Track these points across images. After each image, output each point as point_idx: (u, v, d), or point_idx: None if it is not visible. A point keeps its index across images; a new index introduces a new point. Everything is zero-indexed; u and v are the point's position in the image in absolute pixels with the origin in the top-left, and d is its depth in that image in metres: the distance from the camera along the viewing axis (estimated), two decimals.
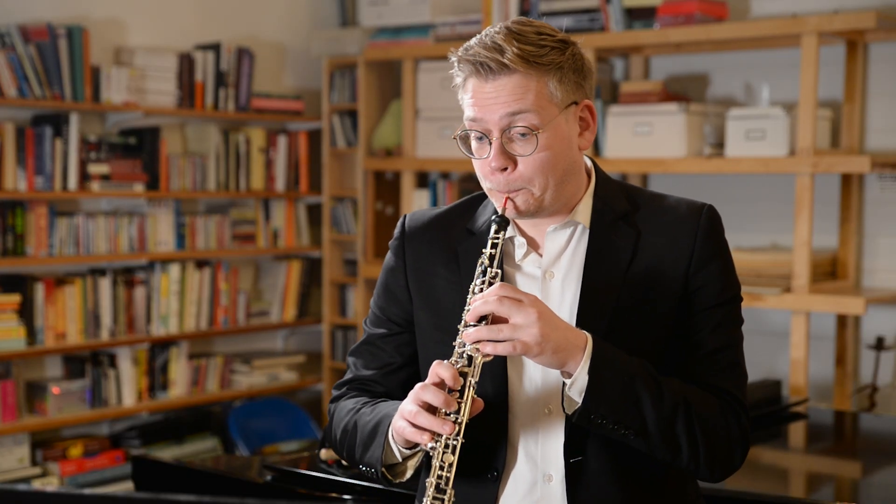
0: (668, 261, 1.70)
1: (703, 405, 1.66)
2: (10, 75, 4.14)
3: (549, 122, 1.63)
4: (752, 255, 3.99)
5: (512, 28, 1.64)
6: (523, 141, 1.63)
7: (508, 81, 1.62)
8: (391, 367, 1.82)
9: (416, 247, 1.81)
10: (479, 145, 1.67)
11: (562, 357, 1.57)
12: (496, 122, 1.63)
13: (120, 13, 4.67)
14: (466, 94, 1.67)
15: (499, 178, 1.65)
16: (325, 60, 5.15)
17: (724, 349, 1.74)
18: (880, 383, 3.99)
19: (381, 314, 1.84)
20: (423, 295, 1.78)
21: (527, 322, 1.55)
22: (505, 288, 1.58)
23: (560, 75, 1.64)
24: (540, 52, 1.62)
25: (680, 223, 1.72)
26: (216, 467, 2.70)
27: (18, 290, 4.25)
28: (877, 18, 3.64)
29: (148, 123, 4.68)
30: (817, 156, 3.74)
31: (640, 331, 1.68)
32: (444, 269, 1.76)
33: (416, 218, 1.85)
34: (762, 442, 2.86)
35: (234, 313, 4.96)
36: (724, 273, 1.74)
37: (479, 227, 1.76)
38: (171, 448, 4.66)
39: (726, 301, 1.74)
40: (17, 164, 4.23)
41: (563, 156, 1.66)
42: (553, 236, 1.72)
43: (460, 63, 1.66)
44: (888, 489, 2.46)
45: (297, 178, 5.18)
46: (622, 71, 4.66)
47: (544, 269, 1.72)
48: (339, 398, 1.85)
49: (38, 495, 1.36)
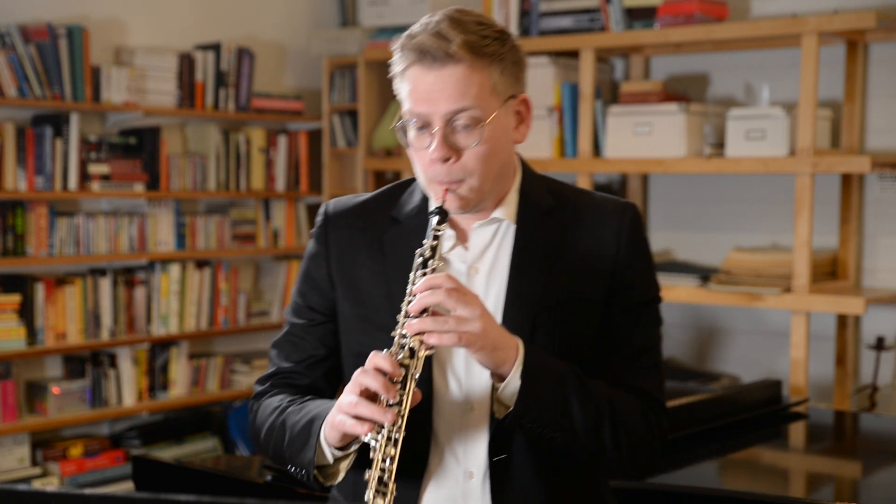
0: (593, 259, 1.71)
1: (627, 408, 1.67)
2: (10, 75, 4.14)
3: (491, 114, 1.63)
4: (752, 255, 3.99)
5: (454, 16, 1.62)
6: (466, 132, 1.62)
7: (453, 72, 1.60)
8: (314, 358, 1.78)
9: (339, 234, 1.77)
10: (418, 135, 1.65)
11: (500, 356, 1.57)
12: (439, 114, 1.61)
13: (120, 13, 4.67)
14: (407, 82, 1.64)
15: (439, 169, 1.63)
16: (326, 60, 5.15)
17: (646, 350, 1.75)
18: (880, 383, 3.99)
19: (304, 303, 1.80)
20: (347, 284, 1.75)
21: (472, 315, 1.54)
22: (451, 280, 1.56)
23: (502, 67, 1.64)
24: (483, 42, 1.61)
25: (605, 221, 1.73)
26: (216, 467, 2.70)
27: (18, 290, 4.25)
28: (877, 18, 3.64)
29: (148, 123, 4.68)
30: (817, 156, 3.74)
31: (566, 328, 1.69)
32: (369, 258, 1.74)
33: (339, 205, 1.81)
34: (762, 442, 2.86)
35: (235, 313, 4.96)
36: (647, 273, 1.75)
37: (405, 215, 1.74)
38: (172, 448, 4.66)
39: (649, 301, 1.76)
40: (17, 164, 4.23)
41: (501, 149, 1.66)
42: (479, 231, 1.72)
43: (403, 50, 1.63)
44: (888, 489, 2.46)
45: (297, 178, 5.18)
46: (622, 71, 4.66)
47: (469, 264, 1.71)
48: (262, 395, 1.80)
49: (38, 495, 1.36)
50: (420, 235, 1.66)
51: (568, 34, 4.32)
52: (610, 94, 4.56)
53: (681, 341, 4.53)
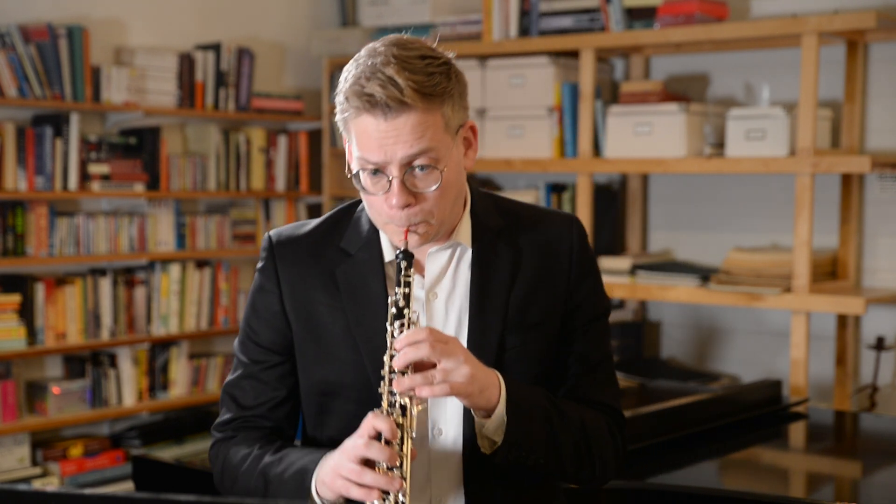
0: (548, 277, 1.73)
1: (596, 427, 1.71)
2: (11, 75, 4.14)
3: (447, 153, 1.61)
4: (752, 255, 3.99)
5: (399, 56, 1.56)
6: (424, 175, 1.59)
7: (408, 119, 1.55)
8: (275, 400, 1.75)
9: (288, 269, 1.74)
10: (373, 179, 1.60)
11: (487, 395, 1.58)
12: (397, 161, 1.57)
13: (120, 13, 4.67)
14: (357, 130, 1.59)
15: (400, 215, 1.60)
16: (326, 60, 5.15)
17: (602, 362, 1.78)
18: (880, 383, 3.99)
19: (258, 342, 1.76)
20: (303, 321, 1.72)
21: (456, 364, 1.54)
22: (432, 332, 1.55)
23: (451, 102, 1.61)
24: (431, 81, 1.56)
25: (555, 238, 1.75)
26: None
27: (19, 290, 4.25)
28: (877, 18, 3.64)
29: (148, 123, 4.68)
30: (817, 156, 3.74)
31: (531, 346, 1.71)
32: (324, 293, 1.71)
33: (284, 237, 1.77)
34: (762, 442, 2.86)
35: (235, 313, 4.96)
36: (597, 287, 1.78)
37: (356, 246, 1.72)
38: (172, 448, 4.66)
39: (602, 314, 1.79)
40: (17, 164, 4.23)
41: (456, 183, 1.65)
42: (434, 257, 1.71)
43: (351, 98, 1.57)
44: (888, 489, 2.46)
45: (297, 177, 5.18)
46: (622, 71, 4.66)
47: (427, 290, 1.71)
48: (224, 441, 1.77)
49: (38, 495, 1.36)
50: (372, 268, 1.68)
51: (568, 34, 4.32)
52: (610, 94, 4.56)
53: (681, 341, 4.53)
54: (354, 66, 1.59)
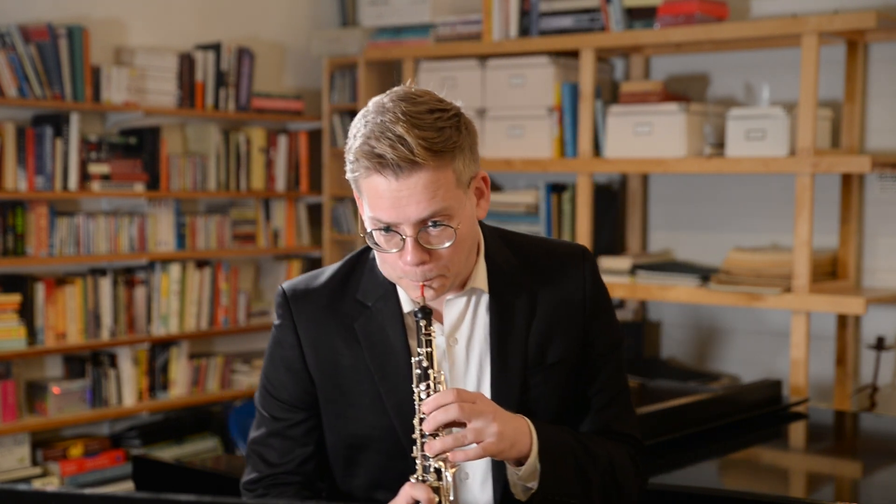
0: (564, 315, 1.73)
1: (622, 461, 1.73)
2: (11, 75, 4.14)
3: (460, 208, 1.60)
4: (752, 255, 3.99)
5: (408, 112, 1.54)
6: (438, 232, 1.58)
7: (419, 179, 1.54)
8: (304, 455, 1.75)
9: (306, 324, 1.73)
10: (386, 237, 1.59)
11: (519, 448, 1.59)
12: (411, 222, 1.56)
13: (120, 13, 4.67)
14: (369, 190, 1.57)
15: (415, 271, 1.59)
16: (326, 60, 5.15)
17: (621, 392, 1.79)
18: (880, 383, 3.99)
19: (282, 399, 1.75)
20: (327, 376, 1.72)
21: (485, 423, 1.54)
22: (460, 393, 1.55)
23: (462, 157, 1.59)
24: (441, 136, 1.55)
25: (567, 273, 1.75)
26: (216, 467, 2.70)
27: (19, 290, 4.25)
28: (877, 18, 3.64)
29: (148, 123, 4.68)
30: (817, 156, 3.74)
31: (552, 385, 1.72)
32: (345, 347, 1.71)
33: (299, 291, 1.75)
34: (762, 442, 2.86)
35: (235, 313, 4.96)
36: (611, 319, 1.79)
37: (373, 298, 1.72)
38: (172, 448, 4.66)
39: (617, 345, 1.79)
40: (17, 164, 4.23)
41: (471, 235, 1.65)
42: (451, 304, 1.71)
43: (362, 159, 1.56)
44: (888, 489, 2.46)
45: (297, 177, 5.18)
46: (622, 71, 4.66)
47: (447, 336, 1.71)
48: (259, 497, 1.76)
49: (38, 495, 1.36)
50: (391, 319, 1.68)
51: (568, 34, 4.32)
52: (610, 94, 4.56)
53: (681, 341, 4.53)
54: (363, 124, 1.57)
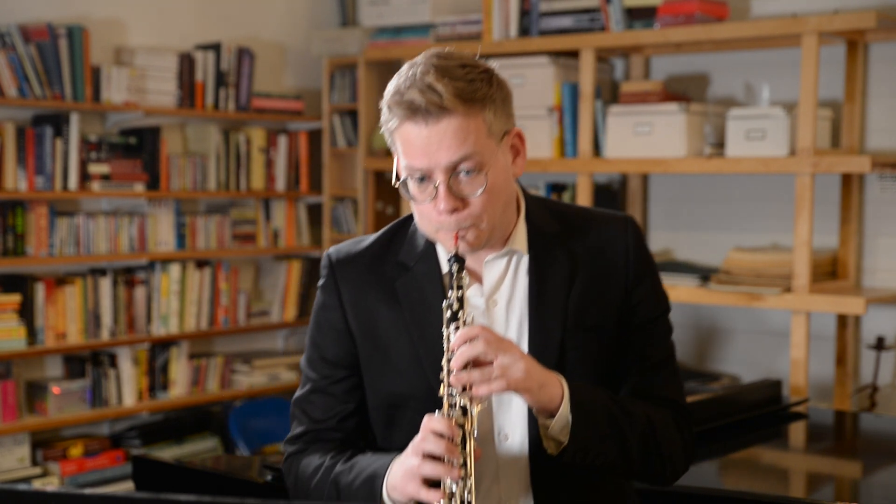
0: (606, 280, 1.74)
1: (663, 423, 1.72)
2: (11, 75, 4.14)
3: (491, 158, 1.63)
4: (752, 255, 3.99)
5: (439, 65, 1.61)
6: (469, 180, 1.62)
7: (449, 124, 1.59)
8: (344, 412, 1.78)
9: (349, 285, 1.77)
10: (420, 187, 1.64)
11: (547, 392, 1.59)
12: (441, 167, 1.61)
13: (120, 13, 4.67)
14: (402, 139, 1.63)
15: (449, 220, 1.63)
16: (326, 60, 5.15)
17: (666, 359, 1.79)
18: (880, 383, 3.99)
19: (324, 357, 1.79)
20: (367, 335, 1.75)
21: (512, 360, 1.56)
22: (486, 330, 1.58)
23: (494, 108, 1.64)
24: (472, 87, 1.60)
25: (610, 240, 1.76)
26: (216, 467, 2.69)
27: (19, 290, 4.25)
28: (877, 18, 3.64)
29: (148, 123, 4.68)
30: (817, 156, 3.74)
31: (590, 349, 1.72)
32: (385, 307, 1.74)
33: (342, 254, 1.80)
34: (762, 442, 2.86)
35: (235, 313, 4.96)
36: (656, 286, 1.80)
37: (413, 259, 1.75)
38: (172, 448, 4.66)
39: (662, 313, 1.80)
40: (17, 164, 4.23)
41: (504, 188, 1.67)
42: (492, 265, 1.73)
43: (394, 108, 1.62)
44: (888, 489, 2.46)
45: (297, 177, 5.18)
46: (622, 71, 4.66)
47: (487, 298, 1.73)
48: (297, 454, 1.80)
49: (38, 495, 1.36)
50: (431, 280, 1.70)
51: (568, 34, 4.32)
52: (610, 93, 4.56)
53: (681, 341, 4.53)
54: (396, 79, 1.64)
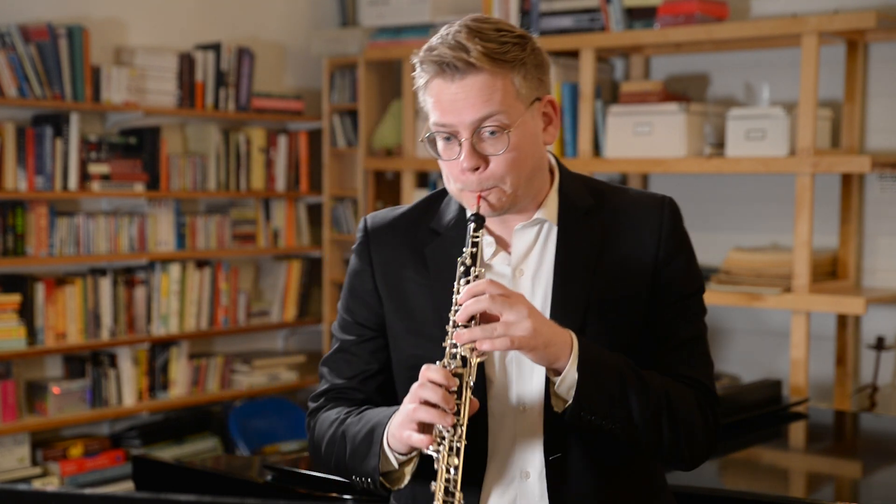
0: (635, 256, 1.72)
1: (682, 397, 1.68)
2: (11, 75, 4.14)
3: (517, 119, 1.64)
4: (752, 255, 3.99)
5: (472, 26, 1.64)
6: (493, 140, 1.63)
7: (475, 81, 1.61)
8: (367, 373, 1.79)
9: (381, 249, 1.79)
10: (447, 146, 1.66)
11: (553, 352, 1.58)
12: (465, 124, 1.62)
13: (120, 13, 4.67)
14: (431, 95, 1.66)
15: (471, 178, 1.64)
16: (326, 60, 5.15)
17: (693, 339, 1.75)
18: (880, 383, 3.99)
19: (352, 319, 1.82)
20: (394, 298, 1.77)
21: (519, 317, 1.56)
22: (494, 285, 1.58)
23: (524, 72, 1.64)
24: (502, 48, 1.61)
25: (643, 218, 1.74)
26: (216, 467, 2.70)
27: (19, 290, 4.25)
28: (877, 18, 3.64)
29: (148, 123, 4.68)
30: (817, 156, 3.74)
31: (613, 324, 1.70)
32: (413, 271, 1.75)
33: (378, 219, 1.83)
34: (762, 442, 2.86)
35: (235, 313, 4.96)
36: (689, 265, 1.76)
37: (445, 226, 1.76)
38: (172, 448, 4.66)
39: (694, 292, 1.77)
40: (17, 164, 4.23)
41: (531, 152, 1.67)
42: (521, 234, 1.73)
43: (423, 64, 1.65)
44: (888, 489, 2.46)
45: (297, 177, 5.18)
46: (622, 71, 4.66)
47: (514, 267, 1.73)
48: (317, 410, 1.82)
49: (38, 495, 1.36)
50: (459, 246, 1.69)
51: (568, 34, 4.32)
52: (610, 94, 4.56)
53: None
54: (432, 38, 1.67)
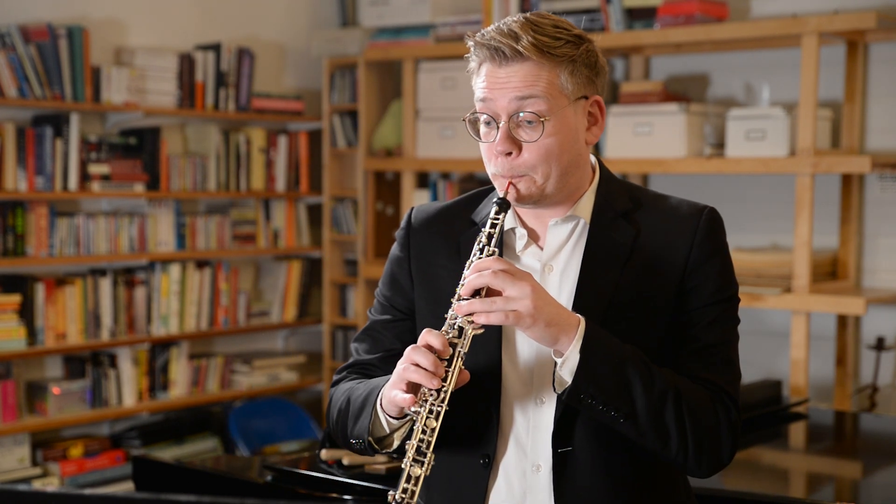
0: (665, 259, 1.72)
1: (694, 396, 1.66)
2: (11, 75, 4.14)
3: (557, 111, 1.66)
4: (752, 255, 3.99)
5: (531, 18, 1.68)
6: (529, 128, 1.66)
7: (521, 68, 1.65)
8: (391, 353, 1.82)
9: (420, 238, 1.84)
10: (486, 130, 1.70)
11: (554, 332, 1.59)
12: (504, 107, 1.65)
13: (120, 13, 4.67)
14: (479, 78, 1.69)
15: (503, 163, 1.67)
16: (326, 60, 5.15)
17: (718, 345, 1.72)
18: (880, 383, 3.99)
19: (385, 302, 1.87)
20: (425, 284, 1.81)
21: (520, 294, 1.57)
22: (500, 262, 1.60)
23: (572, 68, 1.68)
24: (555, 43, 1.66)
25: (679, 223, 1.73)
26: (216, 467, 2.70)
27: (19, 291, 4.25)
28: (877, 18, 3.64)
29: (148, 123, 4.68)
30: (817, 156, 3.74)
31: (635, 326, 1.69)
32: (446, 258, 1.79)
33: (423, 210, 1.88)
34: (762, 442, 2.86)
35: (235, 313, 4.96)
36: (721, 273, 1.74)
37: (482, 217, 1.78)
38: (172, 448, 4.66)
39: (723, 300, 1.74)
40: (17, 165, 4.23)
41: (568, 146, 1.68)
42: (554, 230, 1.74)
43: (476, 47, 1.69)
44: (888, 489, 2.46)
45: (297, 178, 5.18)
46: (622, 71, 4.66)
47: (544, 263, 1.74)
48: (338, 381, 1.87)
49: (38, 495, 1.36)
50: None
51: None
52: (610, 94, 4.56)
53: None
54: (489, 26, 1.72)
